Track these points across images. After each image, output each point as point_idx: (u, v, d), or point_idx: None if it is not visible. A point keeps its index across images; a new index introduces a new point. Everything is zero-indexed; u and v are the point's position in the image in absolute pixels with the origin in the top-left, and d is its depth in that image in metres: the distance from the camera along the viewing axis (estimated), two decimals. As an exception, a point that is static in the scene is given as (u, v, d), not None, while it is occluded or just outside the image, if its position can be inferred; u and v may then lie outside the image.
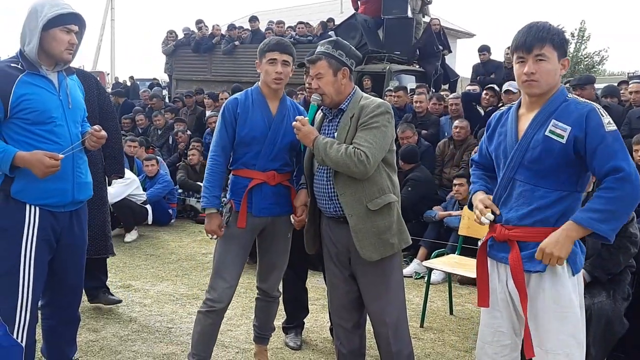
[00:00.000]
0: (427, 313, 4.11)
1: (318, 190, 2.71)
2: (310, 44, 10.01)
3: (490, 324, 2.30)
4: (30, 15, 2.49)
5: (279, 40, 2.86)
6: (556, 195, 2.10)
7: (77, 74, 3.30)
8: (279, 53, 2.79)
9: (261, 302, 3.13)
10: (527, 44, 2.08)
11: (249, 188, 2.82)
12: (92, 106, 3.57)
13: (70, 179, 2.57)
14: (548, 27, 2.10)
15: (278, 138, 2.84)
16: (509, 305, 2.24)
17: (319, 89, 2.63)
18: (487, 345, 2.32)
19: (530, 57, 2.08)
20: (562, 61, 2.11)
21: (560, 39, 2.10)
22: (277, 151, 2.84)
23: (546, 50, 2.07)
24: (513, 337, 2.27)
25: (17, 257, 2.48)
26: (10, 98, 2.42)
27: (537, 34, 2.07)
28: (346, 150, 2.48)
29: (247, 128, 2.82)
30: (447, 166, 6.22)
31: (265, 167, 2.83)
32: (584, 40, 25.62)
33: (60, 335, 2.83)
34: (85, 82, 3.40)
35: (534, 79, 2.09)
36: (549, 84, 2.10)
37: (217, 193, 2.85)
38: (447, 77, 10.27)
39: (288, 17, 16.91)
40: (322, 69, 2.61)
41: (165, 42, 12.18)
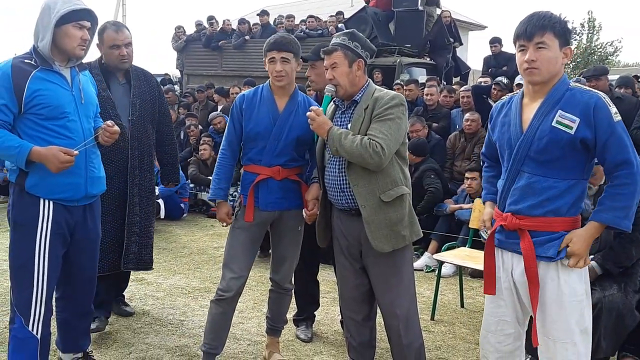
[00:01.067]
0: (438, 306, 4.12)
1: (329, 182, 2.73)
2: (321, 37, 10.00)
3: (494, 312, 2.32)
4: (44, 12, 2.52)
5: (277, 39, 2.88)
6: (565, 185, 2.11)
7: (140, 73, 3.50)
8: (277, 52, 2.83)
9: (274, 293, 3.17)
10: (528, 32, 2.10)
11: (254, 183, 2.88)
12: (153, 107, 3.56)
13: (83, 173, 2.61)
14: (549, 15, 2.11)
15: (283, 134, 2.86)
16: (513, 294, 2.26)
17: (333, 80, 2.65)
18: (490, 334, 2.34)
19: (531, 45, 2.10)
20: (564, 50, 2.11)
21: (562, 28, 2.10)
22: (283, 147, 2.87)
23: (547, 38, 2.08)
24: (516, 326, 2.30)
25: (32, 251, 2.53)
26: (24, 94, 2.46)
27: (537, 22, 2.09)
28: (361, 141, 2.49)
29: (252, 123, 2.89)
30: (458, 159, 6.20)
31: (271, 163, 2.87)
32: (596, 30, 25.31)
33: (74, 327, 2.88)
34: (147, 82, 3.54)
35: (534, 67, 2.10)
36: (549, 72, 2.11)
37: (222, 185, 2.97)
38: (458, 69, 10.22)
39: (298, 10, 16.88)
40: (338, 59, 2.63)
41: (175, 39, 12.21)
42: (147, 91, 3.51)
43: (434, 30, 9.79)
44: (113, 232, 3.40)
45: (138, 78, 3.49)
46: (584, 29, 25.55)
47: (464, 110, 6.66)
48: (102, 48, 3.33)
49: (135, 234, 3.45)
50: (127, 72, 3.44)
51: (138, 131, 3.42)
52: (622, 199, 2.04)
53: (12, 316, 2.61)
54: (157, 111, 3.61)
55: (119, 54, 3.29)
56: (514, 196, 2.20)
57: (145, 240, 3.55)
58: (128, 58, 3.35)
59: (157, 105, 3.60)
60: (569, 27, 2.14)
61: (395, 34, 9.83)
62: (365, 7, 10.01)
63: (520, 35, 2.13)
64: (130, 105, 3.39)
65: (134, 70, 3.48)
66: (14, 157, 2.44)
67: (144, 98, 3.48)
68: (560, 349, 2.14)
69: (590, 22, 25.52)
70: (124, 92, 3.42)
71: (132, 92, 3.42)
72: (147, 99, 3.50)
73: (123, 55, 3.30)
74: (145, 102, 3.48)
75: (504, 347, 2.32)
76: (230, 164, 2.99)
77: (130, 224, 3.42)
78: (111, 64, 3.35)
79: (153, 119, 3.57)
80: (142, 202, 3.49)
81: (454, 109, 7.06)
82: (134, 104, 3.40)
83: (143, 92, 3.49)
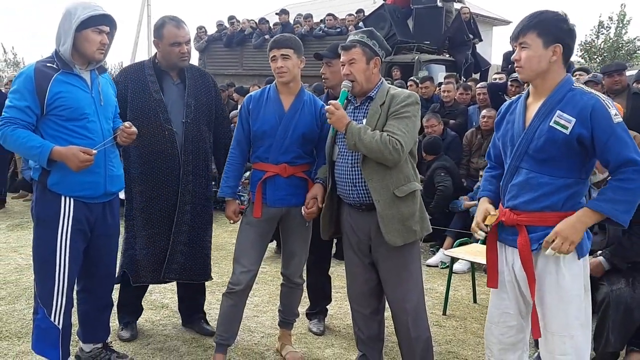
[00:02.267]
0: (451, 301, 4.17)
1: (340, 177, 2.78)
2: (340, 35, 10.06)
3: (498, 305, 2.39)
4: (64, 18, 2.64)
5: (276, 38, 3.00)
6: (561, 182, 2.16)
7: (196, 72, 3.38)
8: (277, 49, 2.92)
9: (285, 287, 3.26)
10: (514, 33, 2.22)
11: (262, 180, 2.98)
12: (209, 109, 3.38)
13: (102, 172, 2.73)
14: (537, 15, 2.17)
15: (289, 132, 2.95)
16: (515, 287, 2.32)
17: (349, 75, 2.69)
18: (493, 325, 2.41)
19: (517, 45, 2.20)
20: (552, 48, 2.15)
21: (550, 27, 2.14)
22: (289, 144, 2.96)
23: (528, 38, 2.16)
24: (519, 318, 2.35)
25: (54, 245, 2.66)
26: (46, 96, 2.58)
27: (522, 23, 2.18)
28: (381, 137, 2.55)
29: (258, 122, 2.99)
30: (475, 156, 6.20)
31: (277, 160, 2.96)
32: (625, 24, 24.77)
33: (95, 319, 3.00)
34: (203, 82, 3.39)
35: (519, 65, 2.21)
36: (533, 70, 2.18)
37: (230, 183, 3.08)
38: (478, 66, 10.20)
39: (319, 8, 16.94)
40: (356, 56, 2.68)
41: (197, 39, 12.40)
42: (203, 91, 3.35)
43: (453, 26, 9.79)
44: (160, 242, 3.28)
45: (194, 77, 3.34)
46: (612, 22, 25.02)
47: (480, 107, 6.65)
48: (160, 45, 3.19)
49: (181, 244, 3.29)
50: (181, 72, 3.29)
51: (192, 134, 3.25)
52: (625, 193, 2.05)
53: (36, 307, 2.75)
54: (214, 113, 3.43)
55: (179, 51, 3.17)
56: (512, 192, 2.26)
57: (197, 251, 3.36)
58: (188, 55, 3.24)
59: (213, 107, 3.41)
60: (564, 26, 2.15)
61: (414, 30, 9.85)
62: (383, 5, 10.05)
63: (511, 36, 2.26)
64: (185, 107, 3.25)
65: (189, 69, 3.33)
66: (37, 156, 2.57)
67: (200, 99, 3.32)
68: (559, 342, 2.19)
69: (620, 15, 24.99)
70: (178, 92, 3.27)
71: (186, 92, 3.27)
72: (203, 100, 3.33)
73: (184, 52, 3.19)
74: (201, 103, 3.31)
75: (506, 339, 2.38)
76: (239, 163, 3.09)
77: (177, 234, 3.27)
78: (169, 62, 3.22)
79: (209, 121, 3.39)
80: (194, 210, 3.31)
81: (471, 105, 7.06)
82: (189, 104, 3.26)
83: (199, 92, 3.33)
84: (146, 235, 3.28)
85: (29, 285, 4.35)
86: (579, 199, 2.19)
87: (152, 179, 3.24)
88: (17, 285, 4.39)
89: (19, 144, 2.56)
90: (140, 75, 3.26)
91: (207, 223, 3.42)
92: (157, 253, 3.30)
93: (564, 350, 2.18)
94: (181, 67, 3.27)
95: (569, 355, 2.18)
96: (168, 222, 3.28)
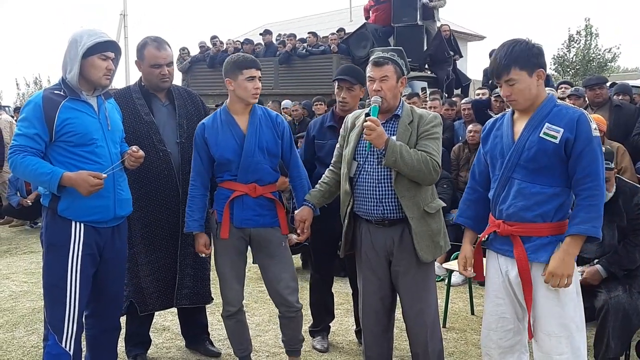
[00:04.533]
0: (449, 314, 4.24)
1: (362, 193, 2.74)
2: (323, 54, 10.20)
3: (494, 311, 2.49)
4: (71, 45, 2.68)
5: (251, 57, 2.96)
6: (551, 191, 2.30)
7: (183, 91, 3.35)
8: (255, 70, 2.90)
9: (284, 319, 3.13)
10: (496, 73, 2.33)
11: (230, 199, 2.93)
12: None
13: (111, 196, 2.74)
14: (511, 50, 2.28)
15: (254, 151, 2.92)
16: (510, 293, 2.44)
17: (380, 92, 2.69)
18: (492, 332, 2.51)
19: (502, 82, 2.31)
20: (536, 73, 2.29)
21: (527, 57, 2.27)
22: (256, 164, 2.92)
23: (513, 74, 2.28)
24: (516, 322, 2.47)
25: (65, 271, 2.66)
26: (55, 122, 2.60)
27: (500, 62, 2.29)
28: (421, 156, 2.60)
29: (219, 151, 2.93)
30: (463, 170, 6.32)
31: (247, 179, 2.93)
32: (593, 37, 25.49)
33: (102, 343, 2.99)
34: (192, 101, 3.38)
35: (512, 99, 2.33)
36: (527, 99, 2.32)
37: (196, 216, 3.01)
38: (459, 81, 10.39)
39: (298, 27, 17.14)
40: (389, 73, 2.70)
41: (180, 60, 12.41)
42: (193, 111, 3.36)
43: (433, 44, 9.98)
44: (165, 267, 3.26)
45: (182, 97, 3.34)
46: (581, 36, 25.73)
47: (466, 122, 6.80)
48: (142, 66, 3.20)
49: (189, 267, 3.29)
50: (169, 92, 3.30)
51: (189, 154, 3.19)
52: (594, 210, 2.22)
53: (46, 333, 2.73)
54: None
55: (159, 72, 3.16)
56: (506, 201, 2.38)
57: (202, 273, 3.38)
58: (169, 77, 3.21)
59: None
60: (535, 51, 2.29)
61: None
62: (365, 24, 10.21)
63: (491, 75, 2.38)
64: (178, 127, 3.25)
65: (175, 89, 3.34)
66: (47, 182, 2.58)
67: (191, 118, 3.31)
68: (555, 342, 2.31)
69: (587, 28, 25.71)
70: (168, 113, 3.27)
71: (177, 113, 3.26)
72: (194, 119, 3.30)
73: (164, 74, 3.17)
74: (192, 122, 3.28)
75: (505, 343, 2.49)
76: (202, 194, 3.03)
77: (184, 256, 3.26)
78: (151, 84, 3.22)
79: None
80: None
81: (456, 120, 7.21)
82: (181, 125, 3.26)
83: (189, 111, 3.33)
84: (149, 261, 3.24)
85: (25, 312, 4.31)
86: (567, 210, 2.34)
87: (150, 203, 3.22)
88: (13, 313, 4.34)
89: (29, 171, 2.57)
90: (128, 99, 3.24)
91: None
92: (163, 279, 3.27)
93: (560, 350, 2.31)
94: (163, 89, 3.26)
95: (565, 355, 2.31)
96: (172, 246, 3.27)
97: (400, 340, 3.70)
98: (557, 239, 2.31)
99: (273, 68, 10.73)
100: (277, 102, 9.32)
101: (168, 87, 3.28)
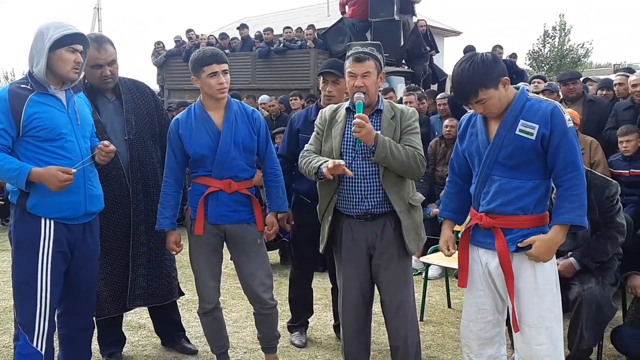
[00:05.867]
0: (426, 307, 4.26)
1: (347, 189, 2.72)
2: (301, 49, 10.15)
3: (474, 303, 2.53)
4: (37, 38, 2.60)
5: (213, 51, 2.87)
6: (530, 185, 2.34)
7: (130, 85, 3.22)
8: (217, 64, 2.81)
9: (259, 316, 3.10)
10: (464, 98, 2.35)
11: (204, 195, 2.89)
12: (152, 121, 3.27)
13: (82, 192, 2.68)
14: (471, 74, 2.27)
15: (229, 147, 2.86)
16: (490, 285, 2.48)
17: (362, 88, 2.67)
18: (471, 323, 2.54)
19: (472, 103, 2.33)
20: (500, 83, 2.31)
21: (487, 74, 2.27)
22: (231, 160, 2.87)
23: (482, 95, 2.29)
24: (495, 314, 2.51)
25: (35, 269, 2.60)
26: (22, 117, 2.53)
27: (465, 89, 2.30)
28: (409, 151, 2.63)
29: (193, 147, 2.87)
30: (440, 164, 6.35)
31: (222, 175, 2.87)
32: (566, 33, 25.89)
33: (76, 342, 2.94)
34: (140, 94, 3.27)
35: (488, 112, 2.35)
36: (500, 108, 2.35)
37: (168, 214, 2.95)
38: (435, 77, 10.45)
39: (275, 22, 17.03)
40: (371, 69, 2.68)
41: (155, 54, 12.25)
42: (141, 104, 3.23)
43: (410, 39, 10.01)
44: (118, 270, 3.17)
45: (129, 91, 3.20)
46: (556, 32, 26.10)
47: (442, 117, 6.83)
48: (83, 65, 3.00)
49: (141, 267, 3.20)
50: (115, 87, 3.16)
51: (138, 151, 3.14)
52: (577, 199, 2.27)
53: (16, 333, 2.67)
54: (157, 124, 3.31)
55: (101, 73, 3.04)
56: (487, 197, 2.41)
57: (157, 272, 3.28)
58: (112, 78, 3.09)
59: (155, 118, 3.29)
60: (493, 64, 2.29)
61: (372, 43, 10.00)
62: (342, 19, 10.19)
63: (459, 100, 2.42)
64: (126, 123, 3.13)
65: (122, 83, 3.20)
66: (14, 179, 2.52)
67: (139, 112, 3.20)
68: (535, 333, 2.36)
69: (561, 25, 26.10)
70: (115, 110, 3.14)
71: (125, 108, 3.13)
72: (143, 113, 3.21)
73: (106, 75, 3.05)
74: (142, 116, 3.20)
75: (484, 334, 2.53)
76: (175, 192, 2.97)
77: (135, 256, 3.17)
78: (94, 85, 3.10)
79: (154, 134, 3.27)
80: (150, 230, 3.15)
81: (430, 115, 7.24)
82: (129, 120, 3.14)
83: (137, 106, 3.20)
84: (101, 265, 3.08)
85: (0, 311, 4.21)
86: (546, 202, 2.38)
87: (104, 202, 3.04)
88: (-17, 313, 4.24)
89: None
90: None
91: (164, 241, 3.19)
92: (117, 281, 3.18)
93: (540, 340, 2.36)
94: (106, 90, 3.13)
95: (544, 345, 2.36)
96: (124, 248, 3.17)
97: (379, 334, 3.71)
98: (538, 231, 2.36)
99: (250, 63, 10.65)
100: (252, 97, 9.25)
101: (111, 87, 3.15)
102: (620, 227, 3.20)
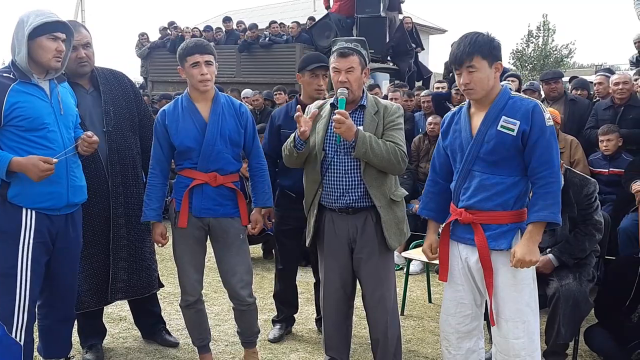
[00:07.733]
0: (407, 302, 4.30)
1: (329, 183, 2.75)
2: (287, 43, 10.13)
3: (453, 297, 2.57)
4: (18, 26, 2.57)
5: (197, 42, 2.85)
6: (510, 181, 2.38)
7: (108, 75, 3.17)
8: (199, 55, 2.79)
9: (237, 311, 3.10)
10: (458, 58, 2.36)
11: (189, 188, 2.86)
12: (131, 112, 3.22)
13: (64, 182, 2.66)
14: (475, 40, 2.34)
15: (215, 139, 2.84)
16: (469, 279, 2.52)
17: (346, 83, 2.68)
18: (450, 317, 2.59)
19: (462, 69, 2.35)
20: (494, 65, 2.36)
21: (489, 48, 2.34)
22: (217, 153, 2.85)
23: (475, 62, 2.33)
24: (474, 307, 2.56)
25: (15, 260, 2.58)
26: (3, 106, 2.50)
27: (464, 49, 2.33)
28: (389, 147, 2.64)
29: (179, 138, 2.85)
30: (423, 161, 6.40)
31: (207, 168, 2.85)
32: (550, 33, 26.18)
33: (56, 334, 2.93)
34: (119, 84, 3.22)
35: (470, 88, 2.37)
36: (484, 89, 2.37)
37: (154, 206, 2.93)
38: (420, 74, 10.50)
39: (261, 16, 17.01)
40: (355, 64, 2.70)
41: (139, 46, 12.13)
42: (120, 95, 3.18)
43: (396, 36, 10.04)
44: (98, 263, 3.13)
45: (107, 82, 3.15)
46: (540, 32, 26.37)
47: (426, 114, 6.87)
48: None
49: (122, 260, 3.17)
50: (93, 78, 3.11)
51: (117, 142, 3.11)
52: (552, 197, 2.31)
53: (-5, 324, 2.65)
54: (136, 115, 3.26)
55: (76, 56, 2.96)
56: (467, 193, 2.45)
57: (138, 264, 3.25)
58: (88, 60, 3.02)
59: (134, 109, 3.25)
60: (496, 44, 2.37)
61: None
62: (328, 14, 10.19)
63: (452, 62, 2.40)
64: (104, 115, 3.07)
65: (100, 73, 3.14)
66: (-5, 168, 2.49)
67: (118, 103, 3.15)
68: (512, 327, 2.41)
69: (545, 25, 26.37)
70: (93, 101, 3.08)
71: (102, 100, 3.08)
72: (122, 104, 3.17)
73: (81, 57, 2.99)
74: (120, 107, 3.15)
75: (463, 328, 2.57)
76: (161, 183, 2.95)
77: (116, 249, 3.14)
78: (70, 70, 2.98)
79: (133, 126, 3.23)
80: (129, 223, 3.16)
81: (415, 112, 7.28)
82: (107, 112, 3.08)
83: (116, 97, 3.15)
84: (81, 258, 3.00)
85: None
86: (526, 198, 2.42)
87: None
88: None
89: None
90: None
91: (145, 233, 3.26)
92: (97, 275, 3.14)
93: (517, 334, 2.41)
94: (82, 74, 3.06)
95: (521, 339, 2.41)
96: (104, 240, 3.13)
97: (359, 327, 3.74)
98: (516, 227, 2.40)
99: (234, 56, 10.60)
100: (236, 91, 9.21)
101: (88, 72, 3.08)
102: (598, 224, 3.26)
